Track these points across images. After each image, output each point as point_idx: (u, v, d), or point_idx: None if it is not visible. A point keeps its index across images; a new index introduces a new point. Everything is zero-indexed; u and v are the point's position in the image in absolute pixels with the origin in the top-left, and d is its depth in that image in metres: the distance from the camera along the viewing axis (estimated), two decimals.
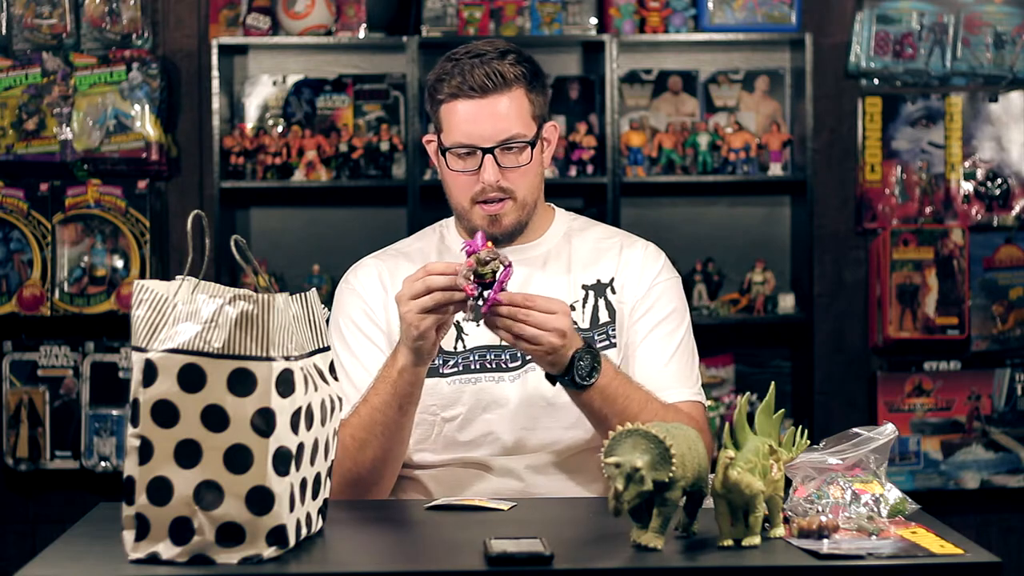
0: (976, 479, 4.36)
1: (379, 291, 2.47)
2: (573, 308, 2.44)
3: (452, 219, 2.54)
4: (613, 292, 2.47)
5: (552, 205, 2.56)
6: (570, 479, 2.42)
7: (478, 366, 2.41)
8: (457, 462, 2.41)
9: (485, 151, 2.36)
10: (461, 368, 2.41)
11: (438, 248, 2.51)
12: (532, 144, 2.40)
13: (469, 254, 2.17)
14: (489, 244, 2.18)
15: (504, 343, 2.33)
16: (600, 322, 2.45)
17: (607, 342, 2.44)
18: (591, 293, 2.47)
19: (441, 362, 2.41)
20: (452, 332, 2.42)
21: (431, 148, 2.48)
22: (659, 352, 2.45)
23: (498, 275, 2.16)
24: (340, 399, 1.94)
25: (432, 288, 2.17)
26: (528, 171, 2.40)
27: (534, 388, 2.39)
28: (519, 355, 2.41)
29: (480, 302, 2.17)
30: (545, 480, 2.41)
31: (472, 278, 2.16)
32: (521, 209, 2.42)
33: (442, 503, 2.17)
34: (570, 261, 2.49)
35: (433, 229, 2.56)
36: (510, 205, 2.40)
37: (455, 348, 2.43)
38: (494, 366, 2.41)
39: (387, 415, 2.30)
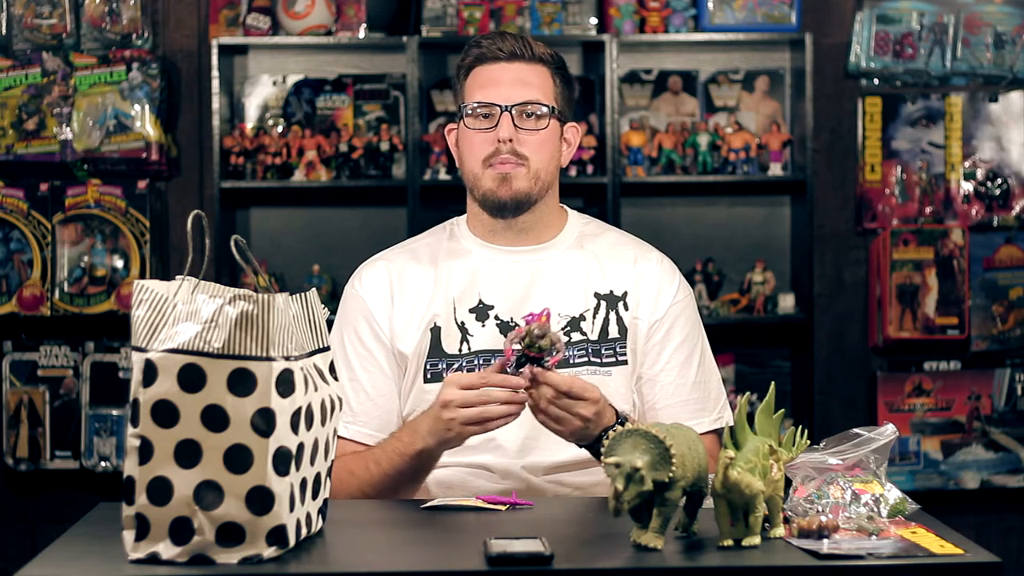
0: (976, 479, 4.36)
1: (386, 297, 2.46)
2: (583, 318, 2.42)
3: (463, 217, 2.52)
4: (626, 308, 2.45)
5: (565, 207, 2.54)
6: (574, 485, 2.41)
7: (481, 370, 2.38)
8: (460, 465, 2.40)
9: (504, 109, 2.37)
10: (466, 372, 2.38)
11: (447, 247, 2.49)
12: (552, 114, 2.40)
13: (528, 323, 2.16)
14: (544, 318, 2.16)
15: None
16: (609, 336, 2.43)
17: (614, 359, 2.42)
18: (603, 304, 2.44)
19: (445, 366, 2.40)
20: (456, 334, 2.41)
21: (451, 138, 2.48)
22: (678, 384, 2.44)
23: (547, 359, 2.15)
24: (340, 399, 1.93)
25: (488, 402, 2.16)
26: (545, 142, 2.40)
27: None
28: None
29: (518, 370, 2.17)
30: (548, 486, 2.40)
31: (518, 343, 2.15)
32: (533, 180, 2.40)
33: (439, 503, 2.17)
34: (583, 267, 2.46)
35: (443, 227, 2.54)
36: (523, 171, 2.39)
37: (460, 351, 2.41)
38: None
39: (399, 482, 2.33)
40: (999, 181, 4.40)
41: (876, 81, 4.39)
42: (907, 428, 4.32)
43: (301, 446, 1.80)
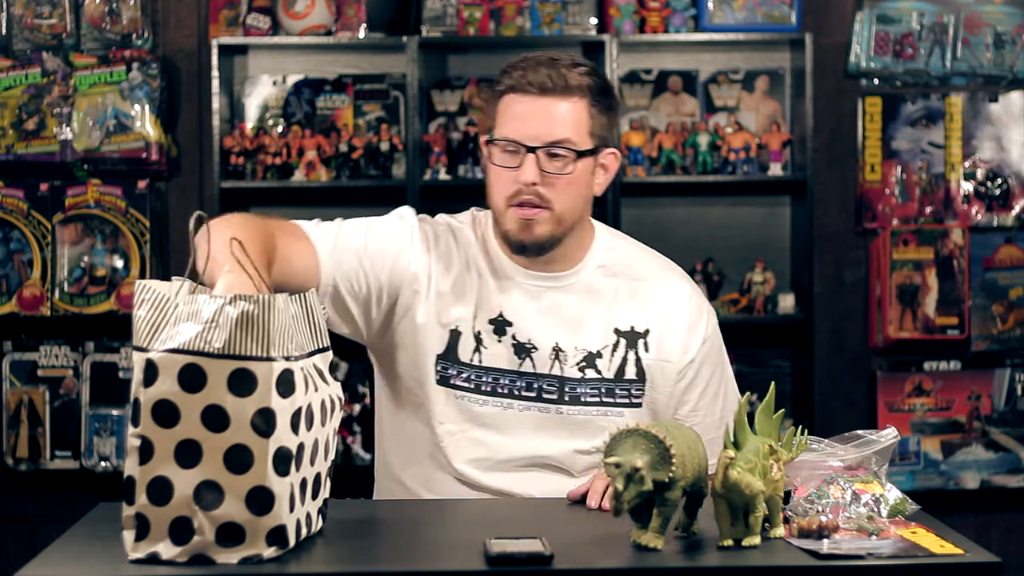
0: (976, 479, 4.36)
1: (424, 259, 2.35)
2: (600, 355, 2.35)
3: (491, 221, 2.40)
4: (647, 349, 2.36)
5: (593, 222, 2.43)
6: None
7: (489, 388, 2.33)
8: (453, 474, 2.35)
9: (529, 149, 2.27)
10: (473, 386, 2.33)
11: (476, 252, 2.38)
12: (581, 156, 2.29)
13: None
14: None
15: (521, 368, 2.33)
16: (625, 377, 2.36)
17: (627, 401, 2.35)
18: (622, 342, 2.36)
19: (455, 372, 2.34)
20: (471, 343, 2.33)
21: (486, 151, 2.36)
22: (706, 424, 2.36)
23: None
24: (340, 399, 1.93)
25: None
26: (571, 184, 2.29)
27: (540, 420, 2.34)
28: (533, 384, 2.33)
29: None
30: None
31: None
32: (556, 223, 2.30)
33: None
34: (604, 300, 2.37)
35: (474, 224, 2.41)
36: (545, 215, 2.29)
37: (472, 360, 2.34)
38: (506, 392, 2.33)
39: None
40: (999, 181, 4.40)
41: (876, 81, 4.39)
42: (907, 428, 4.32)
43: (301, 446, 1.80)
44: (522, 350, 2.34)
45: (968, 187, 4.40)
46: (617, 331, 2.37)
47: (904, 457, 4.32)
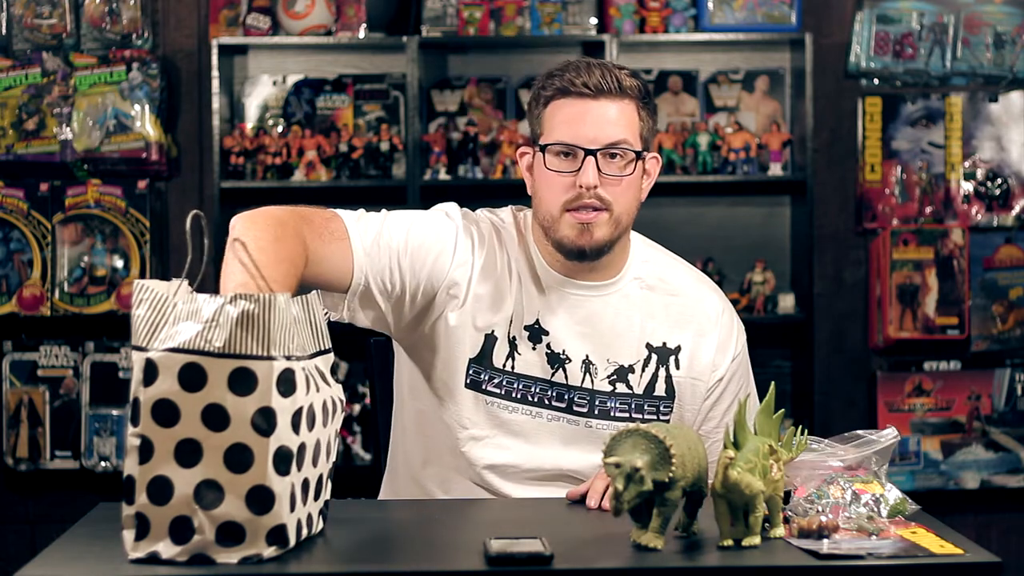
0: (976, 479, 4.36)
1: (466, 260, 2.30)
2: (632, 370, 2.33)
3: (531, 223, 2.36)
4: (677, 366, 2.35)
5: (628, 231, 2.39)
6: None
7: (520, 395, 2.30)
8: (473, 479, 2.33)
9: (588, 152, 2.23)
10: (504, 392, 2.30)
11: (518, 256, 2.34)
12: (638, 157, 2.27)
13: None
14: None
15: (553, 378, 2.31)
16: (654, 393, 2.34)
17: (655, 417, 2.33)
18: (654, 357, 2.34)
19: (487, 377, 2.30)
20: (505, 349, 2.30)
21: (523, 162, 2.34)
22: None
23: None
24: (341, 401, 1.92)
25: None
26: (629, 186, 2.26)
27: (569, 433, 2.32)
28: (564, 395, 2.31)
29: None
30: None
31: None
32: (614, 226, 2.27)
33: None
34: (639, 314, 2.35)
35: (515, 221, 2.37)
36: (604, 218, 2.25)
37: (504, 366, 2.31)
38: (536, 400, 2.31)
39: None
40: (999, 181, 4.40)
41: (876, 81, 4.39)
42: (907, 428, 4.33)
43: (303, 446, 1.80)
44: (556, 360, 2.31)
45: (968, 187, 4.40)
46: (649, 346, 2.35)
47: (904, 457, 4.33)
